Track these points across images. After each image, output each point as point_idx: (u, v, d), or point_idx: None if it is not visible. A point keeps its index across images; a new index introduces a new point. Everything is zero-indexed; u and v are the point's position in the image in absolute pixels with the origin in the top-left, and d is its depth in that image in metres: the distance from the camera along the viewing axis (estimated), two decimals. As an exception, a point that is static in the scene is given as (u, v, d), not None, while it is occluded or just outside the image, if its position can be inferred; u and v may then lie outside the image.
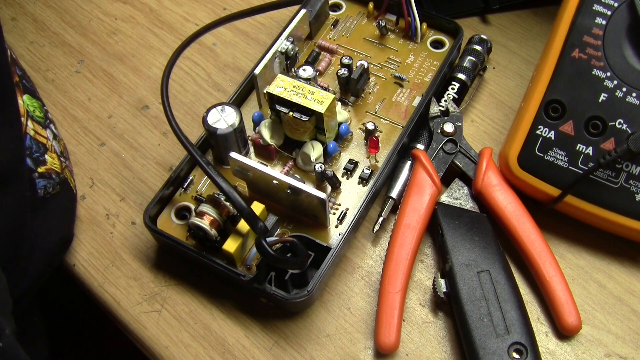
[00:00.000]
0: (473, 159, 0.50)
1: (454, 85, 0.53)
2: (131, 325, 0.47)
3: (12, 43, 0.61)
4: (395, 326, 0.44)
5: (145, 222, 0.47)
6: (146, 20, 0.62)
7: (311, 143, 0.49)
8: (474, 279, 0.45)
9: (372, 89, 0.54)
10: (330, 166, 0.50)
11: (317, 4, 0.55)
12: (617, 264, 0.48)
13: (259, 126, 0.50)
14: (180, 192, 0.49)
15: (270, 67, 0.51)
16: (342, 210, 0.48)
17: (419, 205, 0.47)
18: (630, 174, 0.45)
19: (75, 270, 0.49)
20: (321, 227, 0.47)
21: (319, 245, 0.46)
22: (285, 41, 0.52)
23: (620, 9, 0.46)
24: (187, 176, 0.50)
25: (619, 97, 0.45)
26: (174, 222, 0.48)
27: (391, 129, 0.52)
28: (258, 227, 0.43)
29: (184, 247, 0.46)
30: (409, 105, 0.53)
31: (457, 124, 0.51)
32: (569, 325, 0.44)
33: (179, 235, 0.47)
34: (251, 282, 0.44)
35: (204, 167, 0.45)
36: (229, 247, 0.45)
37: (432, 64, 0.55)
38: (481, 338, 0.43)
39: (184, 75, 0.58)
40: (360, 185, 0.49)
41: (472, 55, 0.55)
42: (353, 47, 0.56)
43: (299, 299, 0.44)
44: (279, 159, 0.50)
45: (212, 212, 0.45)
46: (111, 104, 0.57)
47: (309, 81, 0.50)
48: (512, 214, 0.47)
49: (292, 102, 0.47)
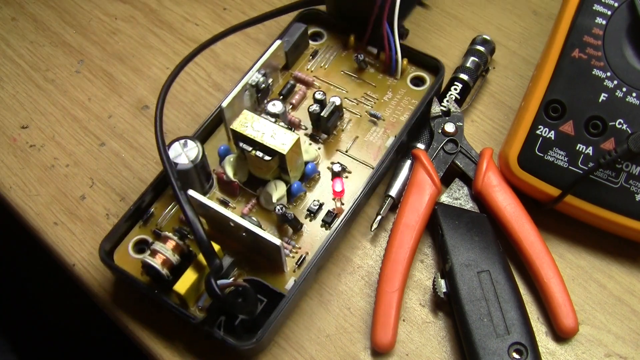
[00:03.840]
0: (473, 160, 0.50)
1: (456, 85, 0.53)
2: (131, 325, 0.47)
3: (12, 43, 0.61)
4: (392, 325, 0.44)
5: (100, 256, 0.45)
6: (146, 20, 0.62)
7: (274, 182, 0.48)
8: (474, 279, 0.45)
9: (345, 126, 0.52)
10: (294, 207, 0.48)
11: (296, 34, 0.53)
12: (617, 264, 0.48)
13: (224, 161, 0.49)
14: (139, 224, 0.48)
15: (240, 99, 0.50)
16: (301, 254, 0.46)
17: (418, 204, 0.47)
18: (630, 174, 0.45)
19: (75, 270, 0.49)
20: (278, 271, 0.46)
21: (272, 291, 0.44)
22: (257, 73, 0.50)
23: (620, 9, 0.46)
24: (148, 208, 0.49)
25: (619, 97, 0.45)
26: (132, 256, 0.47)
27: (362, 169, 0.50)
28: (214, 264, 0.42)
29: (136, 284, 0.45)
30: (382, 145, 0.51)
31: (459, 124, 0.51)
32: (566, 327, 0.44)
33: (134, 271, 0.46)
34: (201, 324, 0.43)
35: (175, 190, 0.43)
36: (180, 288, 0.43)
37: (410, 102, 0.53)
38: (481, 338, 0.43)
39: (184, 75, 0.58)
40: (323, 229, 0.47)
41: (475, 55, 0.55)
42: (330, 81, 0.54)
43: (246, 346, 0.42)
44: (242, 196, 0.49)
45: (165, 251, 0.44)
46: (111, 104, 0.57)
47: (277, 117, 0.48)
48: (512, 215, 0.47)
49: (255, 141, 0.46)
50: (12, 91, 0.58)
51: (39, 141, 0.55)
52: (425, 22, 0.60)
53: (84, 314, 0.79)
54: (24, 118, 0.56)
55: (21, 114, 0.57)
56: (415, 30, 0.57)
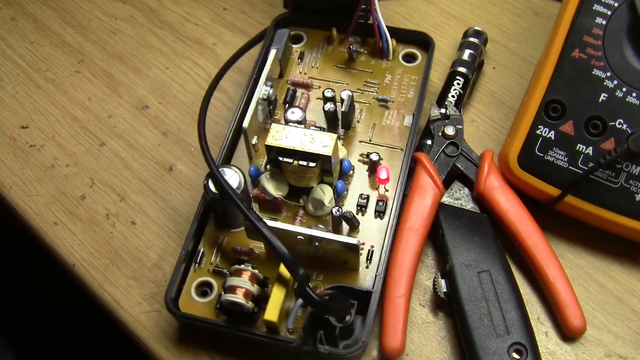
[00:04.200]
0: (474, 162, 0.50)
1: (458, 80, 0.53)
2: (131, 325, 0.47)
3: (12, 43, 0.61)
4: (401, 330, 0.43)
5: (169, 309, 0.43)
6: (146, 20, 0.62)
7: (320, 187, 0.47)
8: (474, 279, 0.45)
9: (359, 117, 0.52)
10: (343, 206, 0.48)
11: (283, 40, 0.53)
12: (617, 264, 0.48)
13: (260, 181, 0.48)
14: (194, 267, 0.46)
15: (255, 116, 0.48)
16: (368, 249, 0.46)
17: (421, 208, 0.47)
18: (630, 174, 0.45)
19: (75, 270, 0.49)
20: (351, 272, 0.45)
21: (358, 291, 0.44)
22: (265, 86, 0.49)
23: (620, 9, 0.46)
24: (196, 249, 0.47)
25: (619, 97, 0.45)
26: (197, 301, 0.45)
27: (391, 153, 0.50)
28: (300, 275, 0.40)
29: (217, 326, 0.43)
30: (400, 125, 0.51)
31: (458, 127, 0.51)
32: (574, 327, 0.44)
33: (206, 314, 0.44)
34: (301, 346, 0.41)
35: (245, 212, 0.42)
36: (271, 316, 0.42)
37: (411, 78, 0.53)
38: (481, 338, 0.43)
39: (184, 75, 0.58)
40: (378, 219, 0.47)
41: (470, 48, 0.55)
42: (327, 77, 0.54)
43: (356, 351, 0.41)
44: (286, 210, 0.48)
45: (244, 284, 0.43)
46: (111, 104, 0.57)
47: (302, 124, 0.48)
48: (515, 217, 0.47)
49: (295, 151, 0.45)
50: (12, 91, 0.58)
51: (39, 141, 0.55)
52: (426, 22, 0.60)
53: (84, 314, 0.79)
54: (24, 118, 0.56)
55: (21, 114, 0.57)
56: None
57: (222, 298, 0.43)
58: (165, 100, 0.57)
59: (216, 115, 0.55)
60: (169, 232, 0.50)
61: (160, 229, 0.50)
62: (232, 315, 0.44)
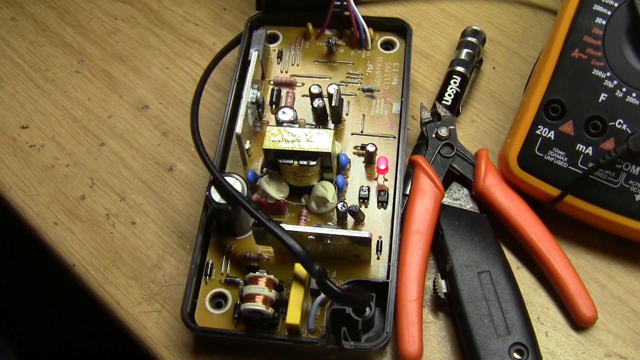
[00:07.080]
0: (470, 161, 0.50)
1: (455, 79, 0.53)
2: (131, 325, 0.47)
3: (12, 43, 0.61)
4: (417, 334, 0.43)
5: (187, 325, 0.43)
6: (146, 20, 0.62)
7: (321, 185, 0.47)
8: (475, 279, 0.45)
9: (347, 110, 0.52)
10: (346, 201, 0.48)
11: (261, 41, 0.52)
12: (617, 264, 0.48)
13: (260, 185, 0.47)
14: (205, 280, 0.46)
15: (246, 120, 0.48)
16: (377, 240, 0.46)
17: (424, 210, 0.47)
18: (630, 174, 0.45)
19: (75, 270, 0.49)
20: (363, 265, 0.45)
21: (375, 283, 0.44)
22: (252, 90, 0.49)
23: (620, 9, 0.46)
24: (204, 261, 0.46)
25: (619, 97, 0.45)
26: (213, 313, 0.44)
27: (384, 142, 0.50)
28: (316, 270, 0.40)
29: (238, 336, 0.43)
30: (389, 114, 0.51)
31: (451, 127, 0.51)
32: (586, 316, 0.44)
33: (223, 325, 0.44)
34: (325, 345, 0.41)
35: (257, 216, 0.42)
36: (293, 319, 0.41)
37: (392, 65, 0.53)
38: (482, 339, 0.43)
39: (184, 75, 0.58)
40: (382, 209, 0.48)
41: (468, 47, 0.55)
42: (309, 74, 0.54)
43: (381, 343, 0.41)
44: (289, 211, 0.48)
45: (262, 290, 0.42)
46: (111, 104, 0.57)
47: (295, 123, 0.48)
48: (517, 213, 0.47)
49: (294, 151, 0.45)
50: (12, 91, 0.58)
51: (39, 141, 0.55)
52: (426, 21, 0.60)
53: (84, 314, 0.79)
54: (24, 118, 0.56)
55: (21, 114, 0.57)
56: (416, 30, 0.57)
57: (241, 307, 0.42)
58: (165, 100, 0.57)
59: (217, 116, 0.55)
60: (169, 232, 0.50)
61: (160, 229, 0.51)
62: (251, 323, 0.43)
